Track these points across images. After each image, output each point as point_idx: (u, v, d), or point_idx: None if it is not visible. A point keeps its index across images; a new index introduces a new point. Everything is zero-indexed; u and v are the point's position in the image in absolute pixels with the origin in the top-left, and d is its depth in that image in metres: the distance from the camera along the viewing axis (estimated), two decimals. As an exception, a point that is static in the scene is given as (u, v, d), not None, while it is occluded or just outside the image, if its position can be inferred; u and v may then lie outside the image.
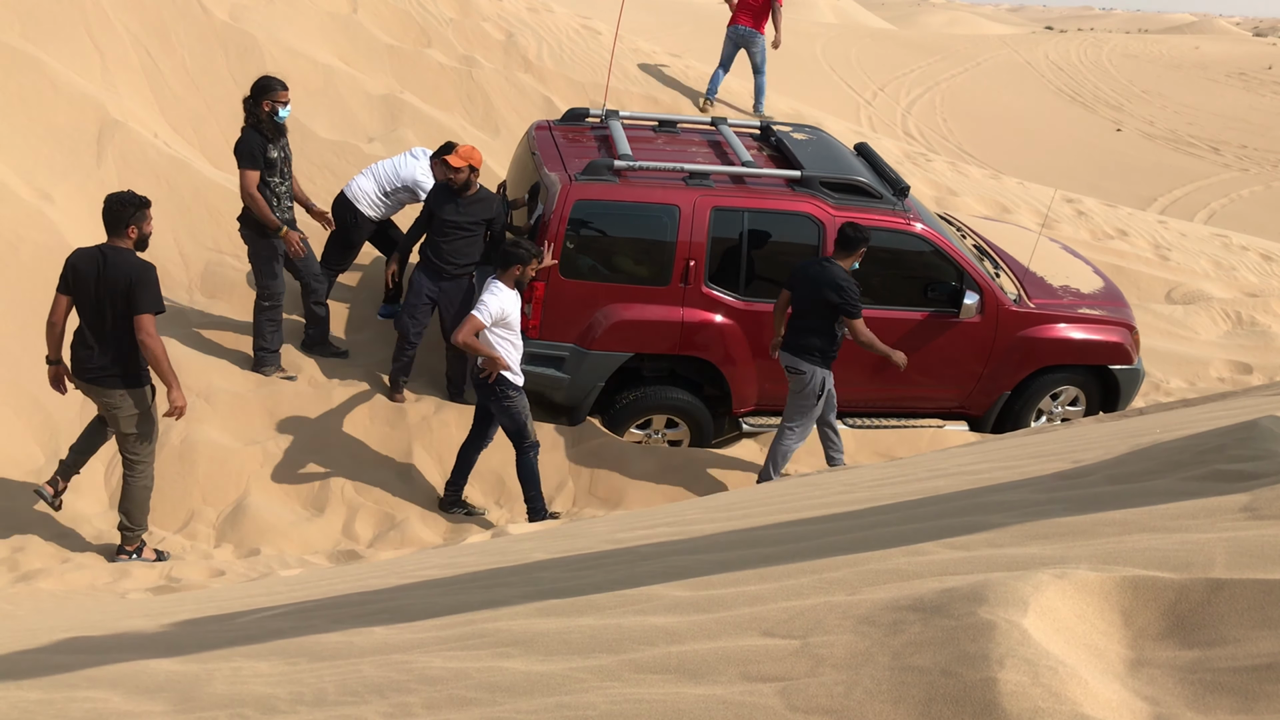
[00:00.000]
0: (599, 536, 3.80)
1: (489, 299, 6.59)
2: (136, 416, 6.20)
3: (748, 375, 7.78)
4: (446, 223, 7.53)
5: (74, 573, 6.15)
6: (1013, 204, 13.49)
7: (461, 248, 7.58)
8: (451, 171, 7.45)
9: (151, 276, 5.96)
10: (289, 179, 7.74)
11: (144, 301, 5.92)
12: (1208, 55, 45.82)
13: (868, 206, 7.68)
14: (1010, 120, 31.91)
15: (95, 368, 6.10)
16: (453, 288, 7.66)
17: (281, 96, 7.58)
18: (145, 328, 5.92)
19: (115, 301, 5.95)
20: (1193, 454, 2.49)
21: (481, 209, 7.59)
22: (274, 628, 2.85)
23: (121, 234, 6.01)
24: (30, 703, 2.47)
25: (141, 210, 6.04)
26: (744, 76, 13.42)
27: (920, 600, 1.71)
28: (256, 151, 7.52)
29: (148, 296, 5.93)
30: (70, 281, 6.05)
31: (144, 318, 5.92)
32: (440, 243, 7.56)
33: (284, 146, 7.72)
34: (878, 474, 4.25)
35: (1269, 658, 1.41)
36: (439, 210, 7.54)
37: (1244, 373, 10.50)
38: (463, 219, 7.53)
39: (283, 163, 7.68)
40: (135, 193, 6.09)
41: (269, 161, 7.58)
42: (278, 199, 7.66)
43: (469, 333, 6.53)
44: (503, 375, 6.74)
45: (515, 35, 13.17)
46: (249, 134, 7.57)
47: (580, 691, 1.76)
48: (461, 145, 7.56)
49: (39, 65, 9.22)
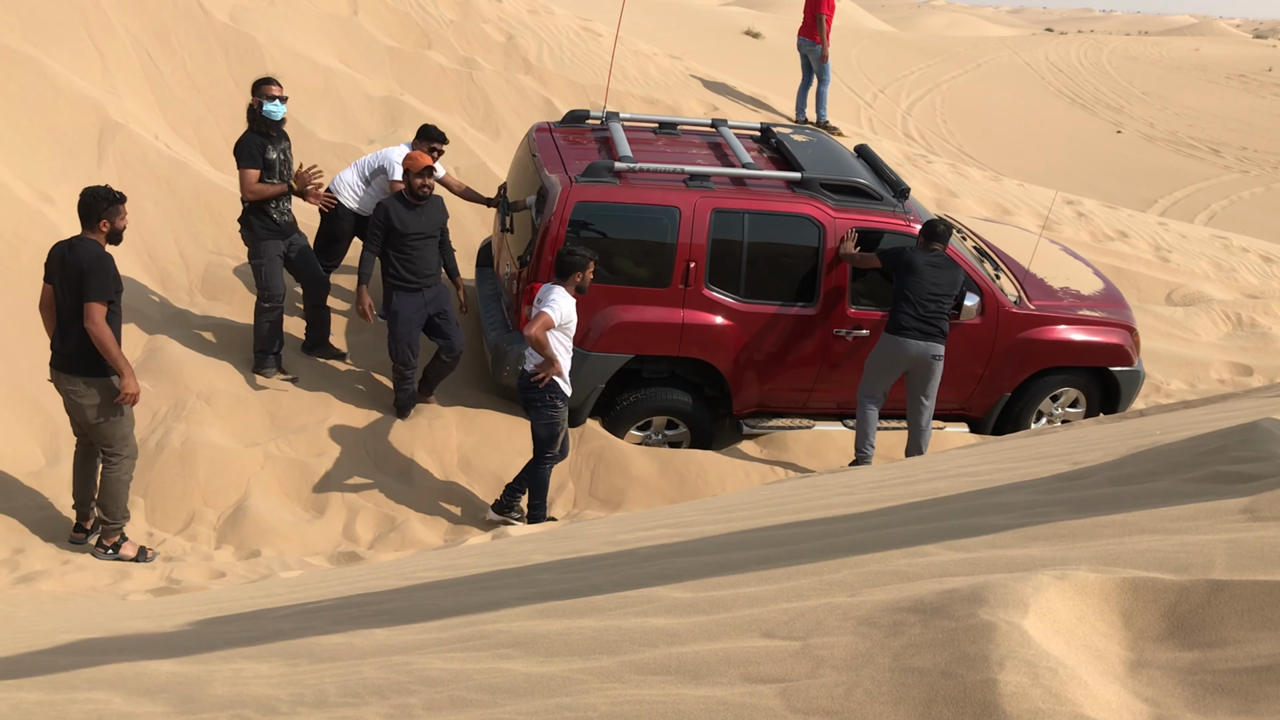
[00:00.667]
0: (599, 538, 3.80)
1: (559, 299, 6.55)
2: (98, 406, 6.25)
3: (748, 377, 7.78)
4: (413, 235, 7.41)
5: (74, 574, 6.15)
6: (1013, 206, 13.49)
7: (428, 256, 7.51)
8: (420, 178, 7.40)
9: (103, 265, 6.02)
10: (287, 182, 7.72)
11: (92, 289, 5.98)
12: (1208, 57, 45.83)
13: (868, 208, 7.69)
14: (1011, 122, 31.91)
15: (61, 355, 6.21)
16: (440, 294, 7.61)
17: (268, 90, 7.55)
18: (91, 315, 5.98)
19: (73, 290, 6.06)
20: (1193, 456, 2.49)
21: (438, 213, 7.58)
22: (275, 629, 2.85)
23: (94, 227, 6.11)
24: (31, 704, 2.47)
25: (114, 205, 6.11)
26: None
27: (920, 602, 1.71)
28: (255, 151, 7.54)
29: (96, 284, 5.99)
30: (48, 271, 6.20)
31: (91, 305, 5.98)
32: (412, 256, 7.42)
33: (284, 150, 7.71)
34: (878, 475, 4.25)
35: (1269, 659, 1.41)
36: (403, 224, 7.40)
37: (1244, 374, 10.50)
38: (426, 227, 7.48)
39: (281, 165, 7.67)
40: (110, 187, 6.16)
41: (267, 163, 7.58)
42: (275, 202, 7.67)
43: (541, 328, 6.45)
44: (554, 382, 6.70)
45: (516, 37, 13.17)
46: (248, 134, 7.60)
47: (581, 693, 1.76)
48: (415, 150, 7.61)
49: (40, 67, 9.23)
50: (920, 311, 7.30)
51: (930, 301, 7.31)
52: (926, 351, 7.35)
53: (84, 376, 6.18)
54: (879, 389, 7.55)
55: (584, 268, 6.65)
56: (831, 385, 7.95)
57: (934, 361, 7.39)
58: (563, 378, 6.74)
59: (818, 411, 8.17)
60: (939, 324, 7.34)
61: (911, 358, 7.38)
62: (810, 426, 8.09)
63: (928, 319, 7.32)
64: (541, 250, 7.29)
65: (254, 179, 7.53)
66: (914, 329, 7.31)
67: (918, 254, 7.38)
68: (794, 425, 8.08)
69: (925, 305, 7.31)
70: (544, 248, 7.29)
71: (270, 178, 7.60)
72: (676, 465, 7.65)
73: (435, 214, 7.55)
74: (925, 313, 7.31)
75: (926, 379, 7.44)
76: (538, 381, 6.67)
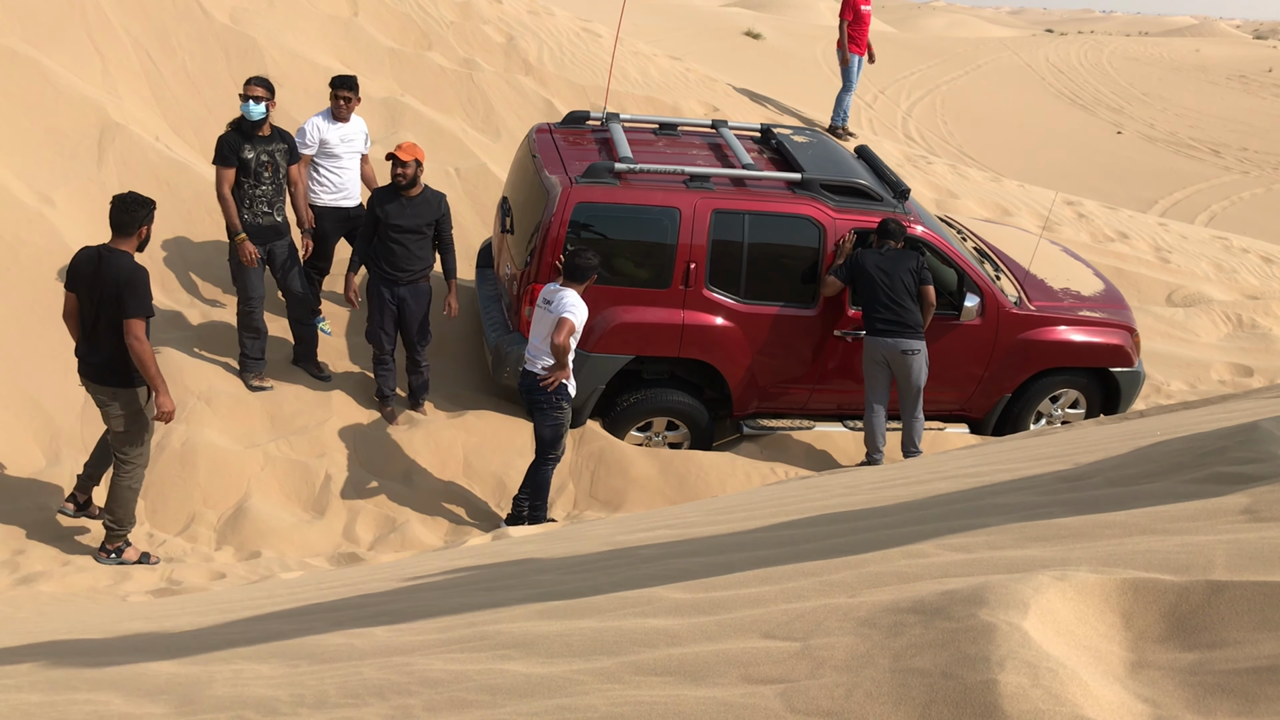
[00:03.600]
0: (600, 539, 3.80)
1: (578, 304, 6.58)
2: (125, 417, 6.22)
3: (748, 378, 7.78)
4: (394, 227, 7.35)
5: (75, 575, 6.15)
6: (1013, 206, 13.50)
7: (414, 252, 7.43)
8: (400, 165, 7.29)
9: (141, 280, 5.96)
10: (265, 184, 7.52)
11: (132, 306, 5.92)
12: (1208, 58, 45.84)
13: (868, 209, 7.69)
14: (1011, 123, 31.91)
15: (91, 365, 6.15)
16: (410, 293, 7.53)
17: (249, 90, 7.40)
18: (133, 332, 5.93)
19: (107, 303, 5.98)
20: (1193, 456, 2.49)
21: (428, 210, 7.46)
22: (275, 630, 2.85)
23: (130, 235, 6.02)
24: (31, 705, 2.47)
25: (151, 212, 6.09)
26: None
27: (921, 602, 1.71)
28: (227, 149, 7.40)
29: (135, 301, 5.93)
30: (72, 279, 6.11)
31: (132, 322, 5.93)
32: (392, 249, 7.38)
33: (270, 151, 7.51)
34: (878, 476, 4.25)
35: (1269, 660, 1.41)
36: (385, 215, 7.35)
37: (1245, 375, 10.50)
38: (410, 222, 7.39)
39: (259, 167, 7.46)
40: (141, 195, 6.10)
41: (242, 162, 7.40)
42: (250, 202, 7.50)
43: (568, 335, 6.51)
44: (562, 384, 6.75)
45: (516, 38, 13.18)
46: (227, 131, 7.49)
47: (581, 694, 1.76)
48: (406, 141, 7.41)
49: (40, 68, 9.23)
50: (883, 312, 7.39)
51: (888, 300, 7.37)
52: (896, 347, 7.41)
53: (113, 387, 6.15)
54: (876, 391, 7.58)
55: (595, 271, 6.71)
56: (831, 386, 7.94)
57: (906, 356, 7.42)
58: (571, 380, 6.77)
59: (818, 412, 8.17)
60: (904, 318, 7.39)
61: (885, 355, 7.44)
62: (810, 427, 8.09)
63: (891, 317, 7.40)
64: (542, 251, 7.29)
65: (221, 178, 7.39)
66: (881, 329, 7.42)
67: (868, 255, 7.45)
68: (794, 426, 8.07)
69: (885, 305, 7.38)
70: (544, 249, 7.29)
71: (245, 178, 7.44)
72: (677, 466, 7.65)
73: (424, 210, 7.44)
74: (888, 312, 7.38)
75: (905, 374, 7.49)
76: (547, 385, 6.68)
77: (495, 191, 10.27)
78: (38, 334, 7.15)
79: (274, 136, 7.60)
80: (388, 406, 7.84)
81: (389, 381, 7.82)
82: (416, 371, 7.83)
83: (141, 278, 5.97)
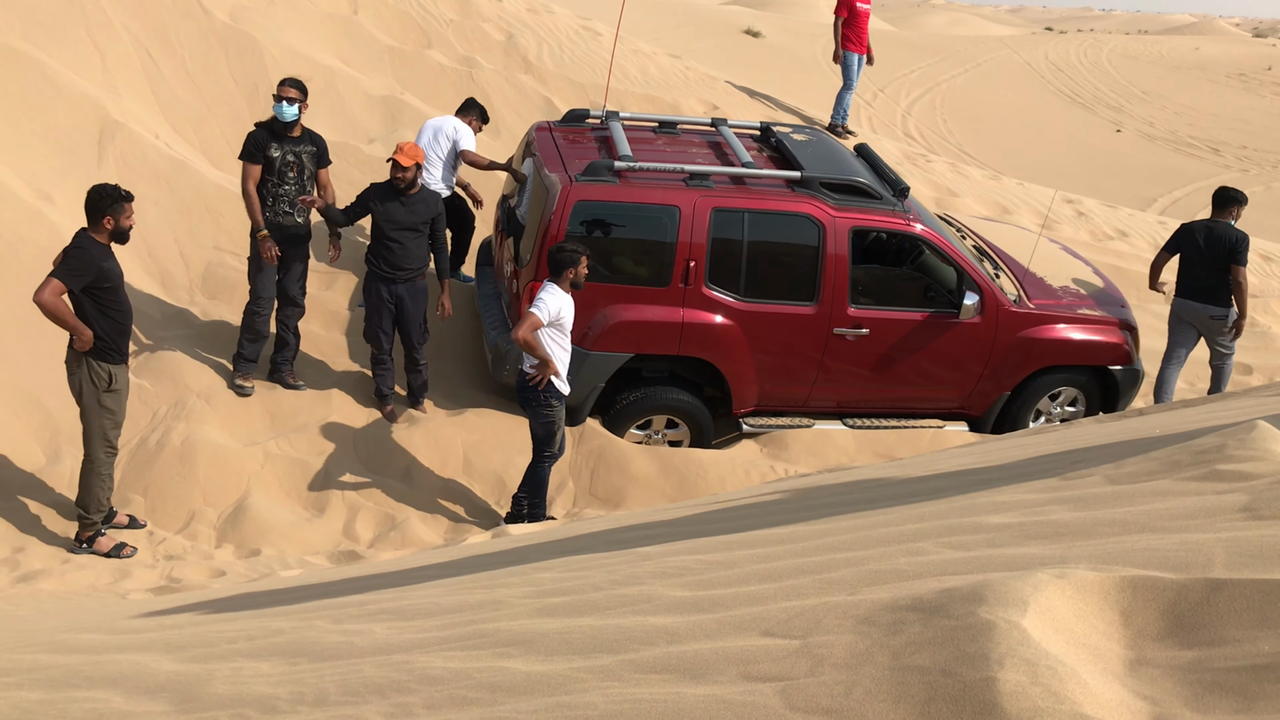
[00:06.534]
0: (599, 537, 3.80)
1: (547, 297, 6.51)
2: (81, 391, 6.34)
3: (748, 376, 7.78)
4: (393, 224, 7.40)
5: (75, 573, 6.16)
6: (1013, 205, 13.49)
7: (411, 250, 7.47)
8: (399, 170, 7.34)
9: (74, 251, 6.10)
10: (289, 184, 7.58)
11: (58, 269, 6.08)
12: (1207, 56, 45.82)
13: (868, 207, 7.69)
14: (1010, 121, 31.91)
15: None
16: (407, 291, 7.56)
17: (282, 91, 7.48)
18: (45, 286, 6.03)
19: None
20: (1192, 454, 2.49)
21: (425, 208, 7.52)
22: (275, 628, 2.85)
23: (98, 225, 6.14)
24: (31, 703, 2.48)
25: (119, 203, 6.14)
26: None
27: (920, 600, 1.71)
28: (254, 147, 7.47)
29: (63, 266, 6.08)
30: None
31: (49, 279, 6.06)
32: (391, 246, 7.42)
33: (296, 152, 7.58)
34: (878, 474, 4.26)
35: (1268, 658, 1.41)
36: (383, 213, 7.41)
37: (1244, 373, 10.49)
38: (409, 220, 7.44)
39: (284, 166, 7.54)
40: (117, 186, 6.18)
41: (268, 160, 7.49)
42: (273, 200, 7.56)
43: (529, 329, 6.43)
44: (551, 382, 6.68)
45: (515, 36, 13.17)
46: (255, 129, 7.55)
47: (580, 691, 1.76)
48: (406, 143, 7.48)
49: (40, 66, 9.22)
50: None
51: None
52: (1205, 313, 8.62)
53: (69, 364, 6.35)
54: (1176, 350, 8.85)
55: (576, 263, 6.61)
56: (831, 384, 7.94)
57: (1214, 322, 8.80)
58: (559, 377, 6.72)
59: (817, 410, 8.17)
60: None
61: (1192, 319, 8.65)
62: (810, 425, 8.09)
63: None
64: (542, 249, 7.29)
65: (247, 174, 7.46)
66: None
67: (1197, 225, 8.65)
68: (794, 424, 8.08)
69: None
70: (543, 247, 7.29)
71: (270, 175, 7.53)
72: (676, 464, 7.65)
73: (420, 208, 7.49)
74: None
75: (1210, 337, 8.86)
76: (535, 383, 6.66)
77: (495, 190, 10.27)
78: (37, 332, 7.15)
79: (304, 138, 7.65)
80: (387, 406, 7.84)
81: (388, 381, 7.82)
82: (415, 370, 7.83)
83: (75, 250, 6.10)
